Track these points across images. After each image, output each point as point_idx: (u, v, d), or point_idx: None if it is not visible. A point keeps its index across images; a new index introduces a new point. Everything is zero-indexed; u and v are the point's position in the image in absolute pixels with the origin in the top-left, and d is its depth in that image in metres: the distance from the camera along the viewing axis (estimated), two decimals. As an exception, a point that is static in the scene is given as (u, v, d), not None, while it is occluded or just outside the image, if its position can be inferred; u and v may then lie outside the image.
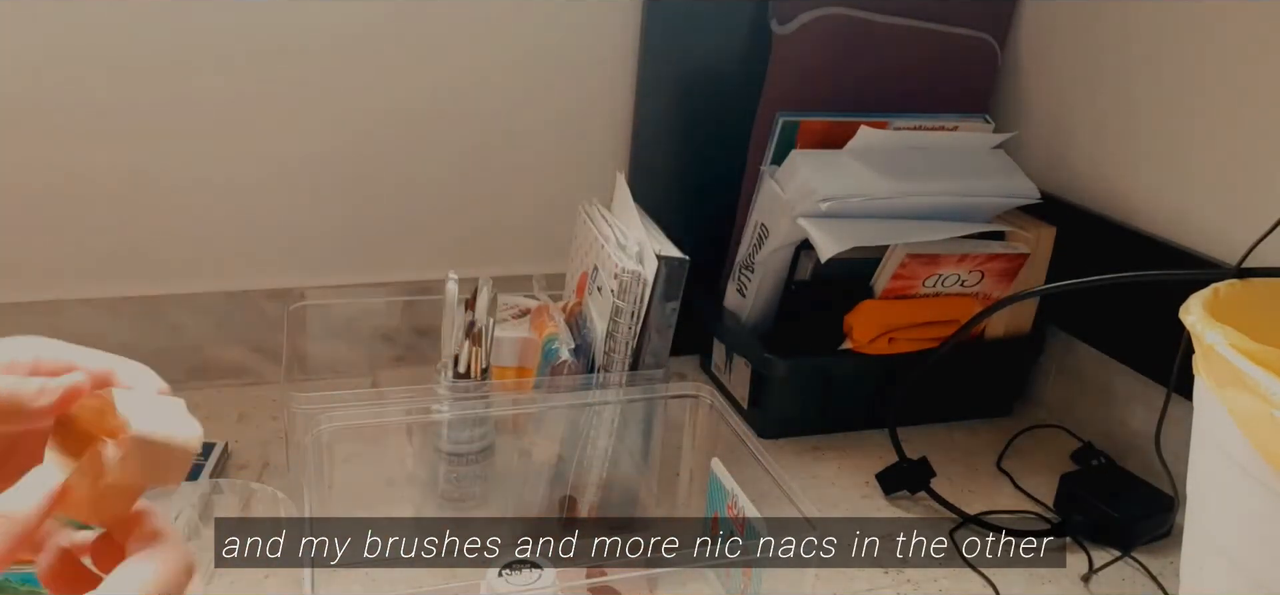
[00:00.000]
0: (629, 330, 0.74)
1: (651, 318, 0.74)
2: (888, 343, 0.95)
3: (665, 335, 0.76)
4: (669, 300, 0.74)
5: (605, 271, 0.76)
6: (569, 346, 0.77)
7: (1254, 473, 0.57)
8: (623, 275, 0.73)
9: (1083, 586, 0.79)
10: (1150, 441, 0.76)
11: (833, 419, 1.00)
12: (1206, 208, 0.91)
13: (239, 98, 0.93)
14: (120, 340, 0.95)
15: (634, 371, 0.76)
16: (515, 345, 0.85)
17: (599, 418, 0.77)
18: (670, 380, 0.77)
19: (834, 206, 0.90)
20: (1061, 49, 1.05)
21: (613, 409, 0.77)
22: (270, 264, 1.00)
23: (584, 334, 0.80)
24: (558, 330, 0.79)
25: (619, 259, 0.74)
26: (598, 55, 1.02)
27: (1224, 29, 0.88)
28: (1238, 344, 0.57)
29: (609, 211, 0.84)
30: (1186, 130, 0.92)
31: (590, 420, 0.77)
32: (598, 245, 0.79)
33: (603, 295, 0.77)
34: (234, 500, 0.69)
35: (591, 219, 0.83)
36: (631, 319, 0.74)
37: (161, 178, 0.93)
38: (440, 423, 0.77)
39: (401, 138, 0.99)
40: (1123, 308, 0.96)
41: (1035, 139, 1.09)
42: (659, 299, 0.74)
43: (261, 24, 0.91)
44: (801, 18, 0.98)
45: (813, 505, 0.70)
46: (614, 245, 0.76)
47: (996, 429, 1.03)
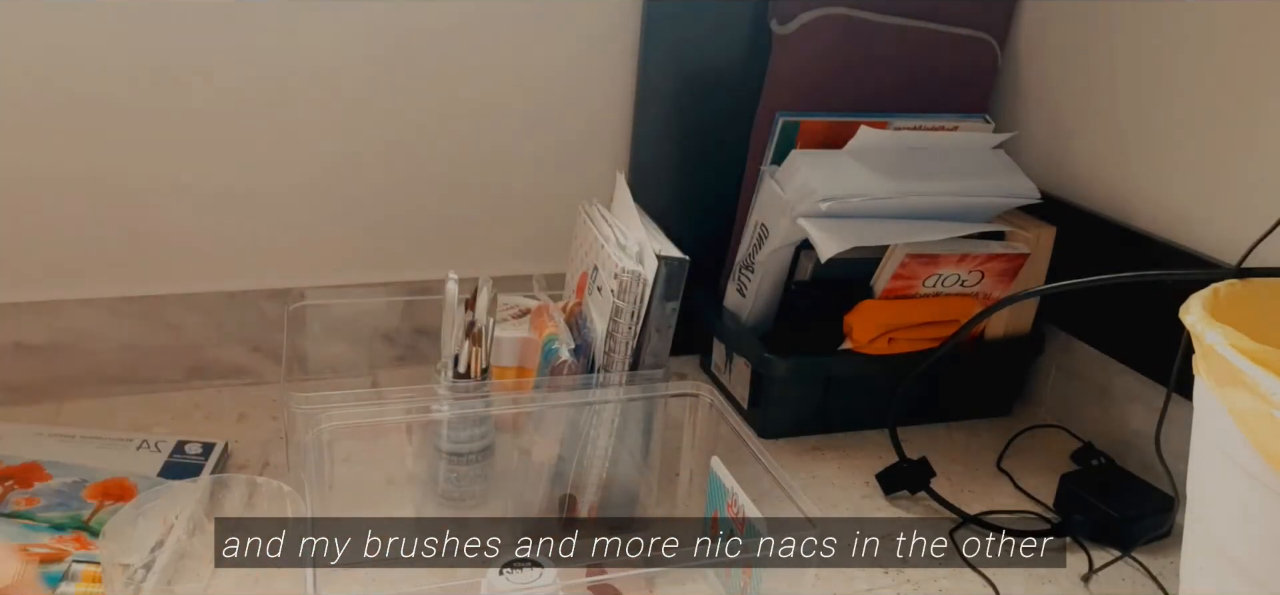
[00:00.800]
0: (629, 330, 0.75)
1: (651, 318, 0.74)
2: (888, 343, 0.95)
3: (665, 335, 0.76)
4: (669, 300, 0.74)
5: (605, 271, 0.77)
6: (569, 346, 0.77)
7: (1254, 473, 0.57)
8: (623, 275, 0.73)
9: (1083, 586, 0.79)
10: (1150, 441, 0.76)
11: (833, 419, 1.00)
12: (1206, 208, 0.91)
13: (240, 99, 0.93)
14: (120, 340, 0.95)
15: (634, 371, 0.76)
16: (515, 345, 0.85)
17: (599, 417, 0.77)
18: (670, 380, 0.78)
19: (834, 206, 0.90)
20: (1061, 49, 1.05)
21: (613, 409, 0.77)
22: (270, 264, 1.00)
23: (584, 334, 0.80)
24: (558, 330, 0.79)
25: (619, 259, 0.74)
26: (598, 55, 1.02)
27: (1224, 29, 0.88)
28: (1238, 344, 0.57)
29: (609, 211, 0.84)
30: (1187, 130, 0.92)
31: (590, 420, 0.77)
32: (598, 245, 0.79)
33: (603, 295, 0.77)
34: (239, 495, 0.69)
35: (591, 219, 0.83)
36: (631, 319, 0.74)
37: (162, 178, 0.93)
38: (440, 422, 0.77)
39: (401, 138, 0.99)
40: (1122, 308, 0.96)
41: (1035, 139, 1.09)
42: (659, 299, 0.74)
43: (262, 27, 0.91)
44: (801, 18, 0.98)
45: (813, 505, 0.70)
46: (614, 245, 0.76)
47: (996, 429, 1.03)
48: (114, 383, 0.96)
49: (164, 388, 0.98)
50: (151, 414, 0.93)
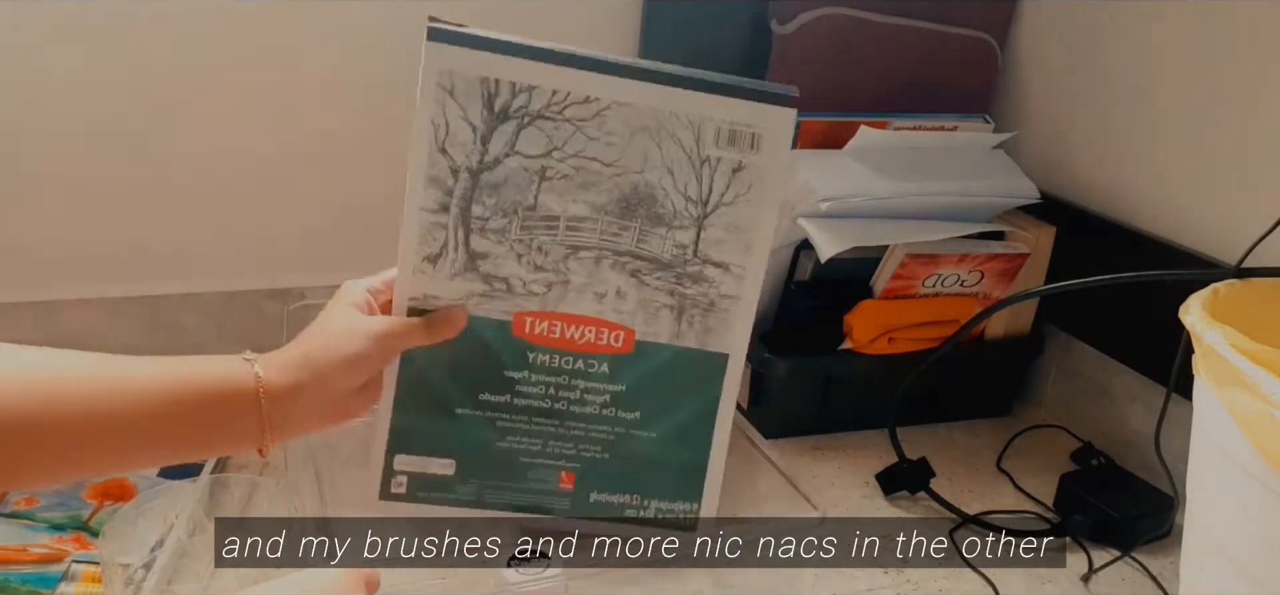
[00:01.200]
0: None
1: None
2: (888, 343, 0.95)
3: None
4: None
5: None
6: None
7: (1254, 473, 0.57)
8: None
9: (1083, 586, 0.79)
10: (1150, 441, 0.76)
11: (833, 419, 0.99)
12: (1206, 208, 0.91)
13: (239, 98, 0.93)
14: (120, 340, 0.95)
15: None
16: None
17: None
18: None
19: (834, 206, 0.90)
20: (1061, 49, 1.05)
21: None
22: (270, 264, 1.00)
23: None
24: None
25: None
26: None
27: (1224, 29, 0.88)
28: (1238, 344, 0.57)
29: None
30: (1186, 130, 0.92)
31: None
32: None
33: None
34: (239, 495, 0.69)
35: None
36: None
37: (161, 178, 0.93)
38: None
39: (402, 137, 0.99)
40: (1123, 308, 0.96)
41: (1035, 139, 1.09)
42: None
43: (262, 25, 0.91)
44: (801, 18, 0.98)
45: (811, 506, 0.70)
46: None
47: (996, 429, 1.03)
48: (114, 383, 0.96)
49: (164, 388, 0.97)
50: (151, 414, 0.93)
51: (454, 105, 0.58)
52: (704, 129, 0.60)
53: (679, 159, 0.61)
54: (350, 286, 0.62)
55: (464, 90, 0.58)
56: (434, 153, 0.59)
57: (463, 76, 0.58)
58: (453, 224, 0.60)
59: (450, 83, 0.58)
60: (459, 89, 0.58)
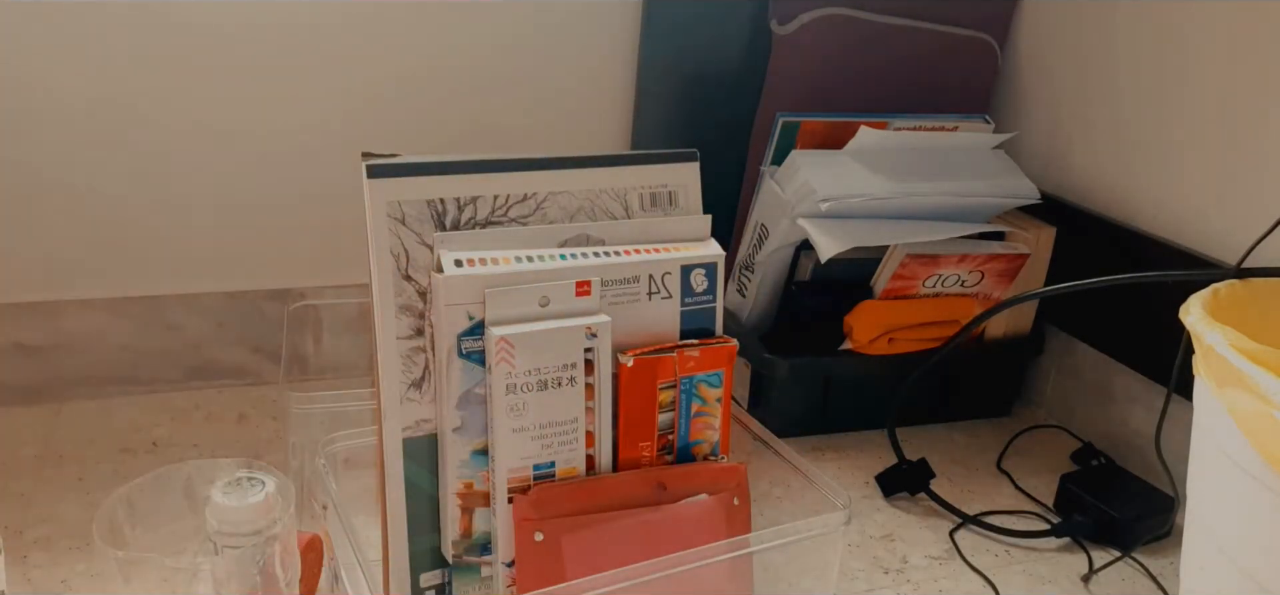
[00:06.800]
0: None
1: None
2: (888, 343, 0.95)
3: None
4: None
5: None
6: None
7: (1254, 473, 0.57)
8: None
9: (1083, 587, 0.79)
10: (1150, 441, 0.76)
11: (833, 419, 1.00)
12: (1206, 208, 0.91)
13: (239, 98, 0.93)
14: (120, 340, 0.95)
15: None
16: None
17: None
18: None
19: (834, 206, 0.90)
20: (1061, 49, 1.05)
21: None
22: (270, 264, 1.00)
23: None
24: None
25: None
26: (598, 55, 1.02)
27: (1224, 29, 0.88)
28: (1238, 344, 0.57)
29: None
30: (1186, 130, 0.92)
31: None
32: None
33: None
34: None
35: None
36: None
37: (162, 178, 0.93)
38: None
39: (402, 138, 0.99)
40: (1123, 308, 0.96)
41: (1035, 139, 1.09)
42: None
43: (262, 25, 0.91)
44: (801, 18, 0.98)
45: (812, 504, 0.70)
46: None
47: (996, 429, 1.03)
48: (114, 383, 0.96)
49: (164, 388, 0.98)
50: (151, 415, 0.93)
51: (408, 232, 0.60)
52: (629, 197, 0.67)
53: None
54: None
55: (414, 216, 0.60)
56: (399, 281, 0.60)
57: (410, 203, 0.60)
58: (430, 345, 0.61)
59: (400, 212, 0.59)
60: (409, 216, 0.60)
